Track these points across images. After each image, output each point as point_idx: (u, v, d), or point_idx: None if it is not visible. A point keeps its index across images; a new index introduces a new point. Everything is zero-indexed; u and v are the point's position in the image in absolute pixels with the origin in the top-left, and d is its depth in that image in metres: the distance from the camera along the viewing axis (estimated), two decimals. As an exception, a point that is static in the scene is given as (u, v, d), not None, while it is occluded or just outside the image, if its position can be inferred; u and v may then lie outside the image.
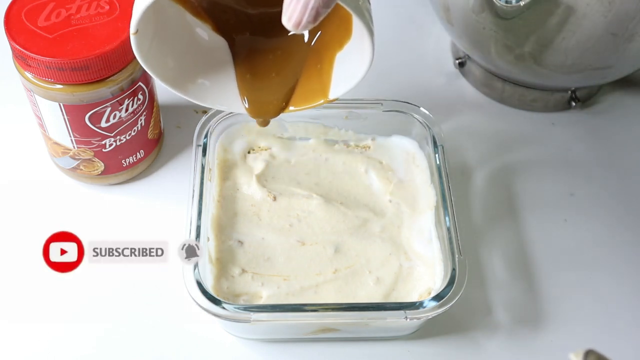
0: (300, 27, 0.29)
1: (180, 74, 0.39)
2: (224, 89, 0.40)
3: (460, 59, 0.57)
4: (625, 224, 0.50)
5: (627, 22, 0.44)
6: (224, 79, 0.40)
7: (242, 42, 0.40)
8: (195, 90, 0.39)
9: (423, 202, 0.46)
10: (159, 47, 0.37)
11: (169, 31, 0.38)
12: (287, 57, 0.40)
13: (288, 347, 0.43)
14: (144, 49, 0.35)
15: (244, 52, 0.40)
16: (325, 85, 0.38)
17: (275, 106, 0.40)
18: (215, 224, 0.45)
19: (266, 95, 0.40)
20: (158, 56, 0.37)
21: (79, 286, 0.45)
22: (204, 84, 0.40)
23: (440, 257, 0.42)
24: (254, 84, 0.40)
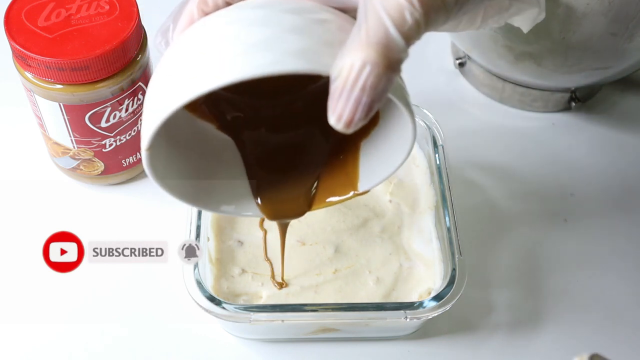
0: (352, 126, 0.26)
1: (198, 186, 0.35)
2: (245, 196, 0.36)
3: (460, 59, 0.57)
4: (625, 224, 0.50)
5: (627, 22, 0.44)
6: (242, 186, 0.36)
7: (250, 139, 0.36)
8: (216, 201, 0.35)
9: (423, 202, 0.46)
10: (172, 161, 0.33)
11: (179, 139, 0.33)
12: (303, 151, 0.36)
13: (288, 347, 0.43)
14: (159, 166, 0.31)
15: (254, 150, 0.36)
16: (352, 177, 0.35)
17: (295, 205, 0.36)
18: (215, 224, 0.45)
19: (284, 196, 0.36)
20: (173, 171, 0.33)
21: (79, 286, 0.45)
22: (224, 192, 0.36)
23: (440, 257, 0.42)
24: (269, 187, 0.36)
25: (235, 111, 0.36)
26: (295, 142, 0.36)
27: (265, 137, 0.36)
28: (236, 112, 0.36)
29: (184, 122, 0.33)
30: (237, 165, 0.36)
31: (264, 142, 0.36)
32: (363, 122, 0.26)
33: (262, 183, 0.36)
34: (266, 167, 0.36)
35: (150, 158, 0.30)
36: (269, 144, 0.36)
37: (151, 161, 0.30)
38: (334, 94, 0.25)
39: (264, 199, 0.36)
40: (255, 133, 0.36)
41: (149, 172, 0.30)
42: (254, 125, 0.36)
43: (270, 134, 0.36)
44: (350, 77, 0.25)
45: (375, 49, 0.25)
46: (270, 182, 0.36)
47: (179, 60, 0.28)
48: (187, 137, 0.34)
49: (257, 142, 0.36)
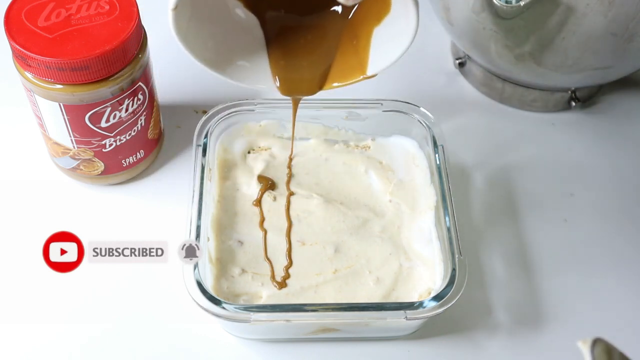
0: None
1: (218, 55, 0.38)
2: (262, 69, 0.39)
3: (460, 59, 0.57)
4: (625, 224, 0.50)
5: (627, 22, 0.44)
6: (260, 59, 0.39)
7: (274, 19, 0.39)
8: (233, 70, 0.39)
9: (423, 202, 0.46)
10: (196, 27, 0.36)
11: (205, 10, 0.37)
12: (321, 33, 0.39)
13: (288, 347, 0.43)
14: (182, 28, 0.34)
15: (276, 29, 0.39)
16: (363, 62, 0.37)
17: (309, 83, 0.39)
18: (215, 224, 0.45)
19: (299, 73, 0.39)
20: (196, 36, 0.36)
21: (79, 286, 0.45)
22: (242, 64, 0.39)
23: (440, 257, 0.42)
24: (286, 62, 0.39)
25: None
26: (314, 24, 0.38)
27: (285, 17, 0.39)
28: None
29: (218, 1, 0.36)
30: (258, 42, 0.39)
31: (285, 21, 0.39)
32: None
33: (279, 60, 0.39)
34: (286, 47, 0.39)
35: (176, 18, 0.33)
36: (289, 23, 0.39)
37: (177, 21, 0.33)
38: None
39: (280, 74, 0.39)
40: (277, 13, 0.39)
41: (173, 30, 0.33)
42: (275, 5, 0.38)
43: (290, 14, 0.39)
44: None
45: None
46: (287, 60, 0.39)
47: None
48: (213, 8, 0.37)
49: (278, 20, 0.39)
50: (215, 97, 0.53)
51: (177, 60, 0.58)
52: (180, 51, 0.61)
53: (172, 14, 0.33)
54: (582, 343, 0.26)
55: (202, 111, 0.54)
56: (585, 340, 0.26)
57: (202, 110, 0.54)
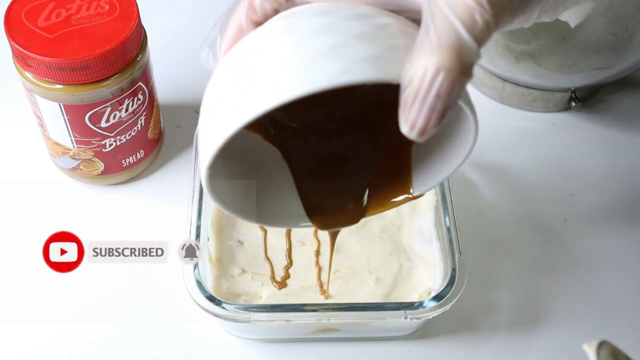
0: (425, 134, 0.25)
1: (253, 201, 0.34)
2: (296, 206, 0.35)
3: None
4: (625, 224, 0.50)
5: (627, 22, 0.44)
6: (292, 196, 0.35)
7: (297, 148, 0.35)
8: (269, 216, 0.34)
9: (423, 202, 0.46)
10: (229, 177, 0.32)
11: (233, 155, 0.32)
12: (352, 158, 0.35)
13: (288, 347, 0.43)
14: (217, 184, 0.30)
15: (301, 160, 0.35)
16: (405, 181, 0.34)
17: (346, 214, 0.35)
18: (215, 224, 0.45)
19: (333, 205, 0.35)
20: (229, 188, 0.32)
21: (79, 286, 0.45)
22: (275, 207, 0.35)
23: (440, 257, 0.42)
24: (317, 195, 0.35)
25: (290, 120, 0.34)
26: (342, 150, 0.35)
27: (311, 146, 0.35)
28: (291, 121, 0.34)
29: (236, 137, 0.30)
30: (289, 179, 0.35)
31: (310, 151, 0.35)
32: (436, 130, 0.25)
33: (310, 194, 0.35)
34: (314, 177, 0.35)
35: (210, 177, 0.29)
36: (315, 152, 0.35)
37: (211, 180, 0.29)
38: (407, 101, 0.24)
39: (314, 209, 0.35)
40: (300, 142, 0.35)
41: (208, 190, 0.30)
42: (299, 134, 0.35)
43: (316, 143, 0.35)
44: (423, 84, 0.24)
45: (448, 53, 0.24)
46: (319, 191, 0.35)
47: (238, 74, 0.27)
48: (239, 152, 0.33)
49: (303, 151, 0.35)
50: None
51: (177, 60, 0.58)
52: (180, 51, 0.61)
53: (207, 173, 0.28)
54: (588, 346, 0.26)
55: (202, 111, 0.54)
56: (590, 343, 0.26)
57: (202, 110, 0.54)
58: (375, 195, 0.35)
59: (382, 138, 0.34)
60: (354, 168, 0.35)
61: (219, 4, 0.63)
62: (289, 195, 0.35)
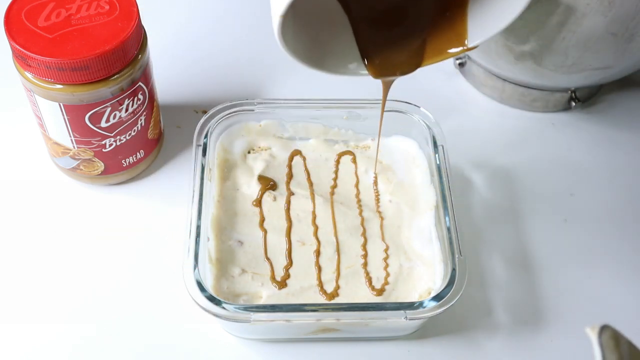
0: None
1: (318, 50, 0.36)
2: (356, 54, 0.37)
3: (460, 59, 0.57)
4: (625, 224, 0.50)
5: (627, 22, 0.44)
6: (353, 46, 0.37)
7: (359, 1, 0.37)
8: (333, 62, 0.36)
9: (423, 202, 0.46)
10: (298, 27, 0.34)
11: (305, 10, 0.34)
12: (409, 10, 0.36)
13: (288, 347, 0.43)
14: (288, 32, 0.32)
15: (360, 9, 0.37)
16: (461, 32, 0.35)
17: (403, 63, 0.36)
18: (215, 224, 0.45)
19: (390, 54, 0.37)
20: (298, 37, 0.34)
21: (79, 286, 0.45)
22: (338, 53, 0.37)
23: (440, 257, 0.42)
24: (375, 43, 0.37)
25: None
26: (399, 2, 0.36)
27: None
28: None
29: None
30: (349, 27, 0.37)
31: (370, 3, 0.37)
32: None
33: (370, 43, 0.37)
34: (374, 27, 0.37)
35: (282, 25, 0.31)
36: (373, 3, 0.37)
37: (282, 28, 0.31)
38: None
39: (372, 57, 0.36)
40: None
41: (279, 37, 0.31)
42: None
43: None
44: None
45: None
46: (378, 41, 0.36)
47: None
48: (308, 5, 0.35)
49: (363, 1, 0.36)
50: (215, 97, 0.54)
51: (177, 60, 0.58)
52: (180, 51, 0.61)
53: (280, 20, 0.31)
54: (591, 329, 0.26)
55: (202, 111, 0.54)
56: (593, 326, 0.26)
57: (202, 110, 0.54)
58: (432, 44, 0.36)
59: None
60: (412, 17, 0.36)
61: (219, 4, 0.64)
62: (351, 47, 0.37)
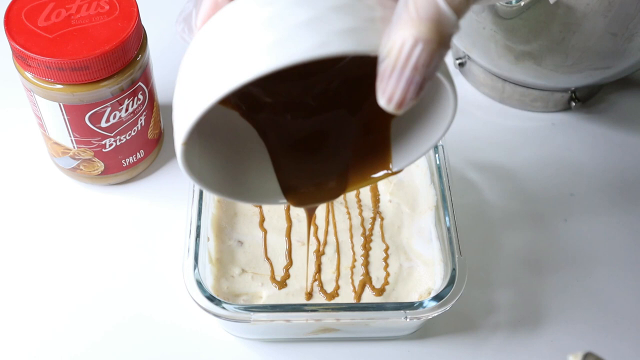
0: (403, 106, 0.25)
1: (230, 178, 0.33)
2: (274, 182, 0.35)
3: (460, 59, 0.57)
4: (625, 224, 0.50)
5: (627, 22, 0.44)
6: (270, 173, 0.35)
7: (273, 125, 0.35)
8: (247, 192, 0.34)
9: (423, 202, 0.46)
10: (205, 154, 0.32)
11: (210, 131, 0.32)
12: (329, 134, 0.35)
13: (288, 347, 0.43)
14: (194, 160, 0.30)
15: (277, 137, 0.35)
16: (385, 157, 0.34)
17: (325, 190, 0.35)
18: (215, 224, 0.45)
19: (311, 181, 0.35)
20: (206, 164, 0.32)
21: (79, 286, 0.45)
22: (254, 184, 0.34)
23: (440, 257, 0.42)
24: (294, 171, 0.35)
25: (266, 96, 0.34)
26: (321, 126, 0.35)
27: (289, 122, 0.35)
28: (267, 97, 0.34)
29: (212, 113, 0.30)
30: (266, 155, 0.35)
31: (288, 128, 0.35)
32: (414, 102, 0.25)
33: (287, 170, 0.35)
34: (291, 154, 0.35)
35: (186, 153, 0.29)
36: (293, 129, 0.35)
37: (186, 156, 0.29)
38: (384, 74, 0.24)
39: (291, 186, 0.35)
40: (277, 118, 0.35)
41: (183, 166, 0.29)
42: (277, 110, 0.34)
43: (294, 119, 0.35)
44: (401, 56, 0.24)
45: (426, 25, 0.24)
46: (296, 168, 0.35)
47: (213, 48, 0.27)
48: (215, 128, 0.33)
49: (281, 127, 0.35)
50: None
51: (177, 60, 0.58)
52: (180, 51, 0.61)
53: (182, 148, 0.28)
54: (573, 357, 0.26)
55: (202, 111, 0.54)
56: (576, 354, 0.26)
57: (202, 110, 0.54)
58: (355, 170, 0.35)
59: (361, 113, 0.34)
60: (333, 144, 0.35)
61: (219, 4, 0.63)
62: (266, 172, 0.35)
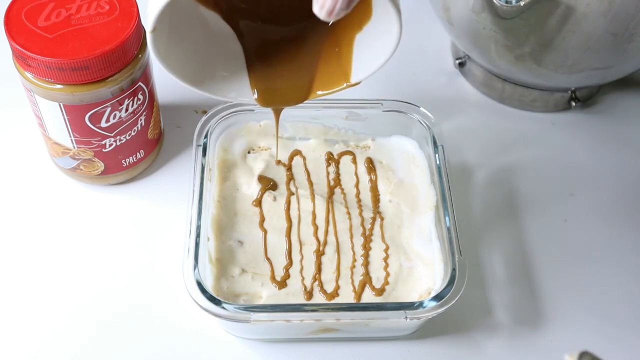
0: (333, 14, 0.27)
1: (198, 70, 0.37)
2: (243, 82, 0.38)
3: (460, 59, 0.57)
4: (625, 224, 0.50)
5: (627, 22, 0.44)
6: (241, 72, 0.38)
7: (251, 30, 0.38)
8: (215, 85, 0.38)
9: (423, 202, 0.46)
10: (175, 43, 0.35)
11: (183, 25, 0.36)
12: (301, 43, 0.38)
13: (288, 347, 0.43)
14: (161, 47, 0.33)
15: (254, 41, 0.38)
16: (346, 69, 0.36)
17: (290, 94, 0.38)
18: (215, 224, 0.45)
19: (279, 83, 0.38)
20: (175, 53, 0.35)
21: (79, 286, 0.45)
22: (223, 78, 0.38)
23: (440, 257, 0.42)
24: (266, 73, 0.38)
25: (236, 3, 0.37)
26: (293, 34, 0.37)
27: (263, 28, 0.38)
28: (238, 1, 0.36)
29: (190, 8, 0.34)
30: (237, 55, 0.38)
31: (263, 33, 0.38)
32: (345, 12, 0.26)
33: (258, 71, 0.38)
34: (265, 57, 0.37)
35: (155, 40, 0.32)
36: (267, 35, 0.38)
37: (155, 42, 0.32)
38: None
39: (259, 85, 0.38)
40: (254, 24, 0.37)
41: (153, 51, 0.33)
42: (253, 15, 0.37)
43: (268, 26, 0.37)
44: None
45: None
46: (266, 71, 0.38)
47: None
48: (192, 23, 0.36)
49: (256, 32, 0.37)
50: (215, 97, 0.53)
51: (177, 60, 0.58)
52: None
53: (151, 36, 0.32)
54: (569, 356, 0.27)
55: (202, 111, 0.54)
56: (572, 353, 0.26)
57: (202, 110, 0.54)
58: (319, 79, 0.37)
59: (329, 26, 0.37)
60: (304, 51, 0.37)
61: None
62: (237, 70, 0.38)
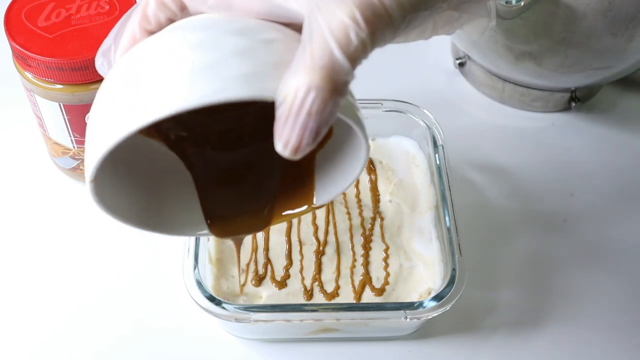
0: (299, 152, 0.24)
1: (147, 209, 0.33)
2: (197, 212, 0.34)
3: (460, 59, 0.57)
4: (625, 224, 0.50)
5: (627, 22, 0.44)
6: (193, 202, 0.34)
7: (200, 157, 0.34)
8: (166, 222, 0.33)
9: (423, 202, 0.46)
10: (119, 187, 0.31)
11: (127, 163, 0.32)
12: (256, 166, 0.35)
13: (288, 347, 0.43)
14: (105, 196, 0.29)
15: (204, 168, 0.35)
16: (308, 191, 0.34)
17: (249, 223, 0.35)
18: (215, 224, 0.44)
19: (237, 213, 0.35)
20: (120, 197, 0.31)
21: (79, 286, 0.45)
22: (174, 212, 0.34)
23: (440, 257, 0.42)
24: (220, 201, 0.35)
25: (183, 130, 0.34)
26: (247, 159, 0.35)
27: (214, 155, 0.35)
28: (183, 131, 0.34)
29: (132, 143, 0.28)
30: (189, 185, 0.34)
31: (214, 160, 0.35)
32: (311, 148, 0.25)
33: (213, 201, 0.34)
34: (217, 184, 0.35)
35: (96, 189, 0.28)
36: (219, 161, 0.35)
37: (98, 192, 0.28)
38: (280, 120, 0.24)
39: (216, 216, 0.34)
40: (203, 151, 0.34)
41: (95, 202, 0.29)
42: (201, 142, 0.34)
43: (219, 152, 0.35)
44: (295, 103, 0.24)
45: (319, 73, 0.24)
46: (222, 199, 0.35)
47: (122, 86, 0.27)
48: (136, 159, 0.32)
49: (207, 160, 0.34)
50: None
51: (177, 60, 0.58)
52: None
53: (92, 186, 0.27)
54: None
55: (202, 111, 0.54)
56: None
57: (202, 110, 0.54)
58: (280, 203, 0.34)
59: None
60: (260, 176, 0.35)
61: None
62: (188, 203, 0.34)
